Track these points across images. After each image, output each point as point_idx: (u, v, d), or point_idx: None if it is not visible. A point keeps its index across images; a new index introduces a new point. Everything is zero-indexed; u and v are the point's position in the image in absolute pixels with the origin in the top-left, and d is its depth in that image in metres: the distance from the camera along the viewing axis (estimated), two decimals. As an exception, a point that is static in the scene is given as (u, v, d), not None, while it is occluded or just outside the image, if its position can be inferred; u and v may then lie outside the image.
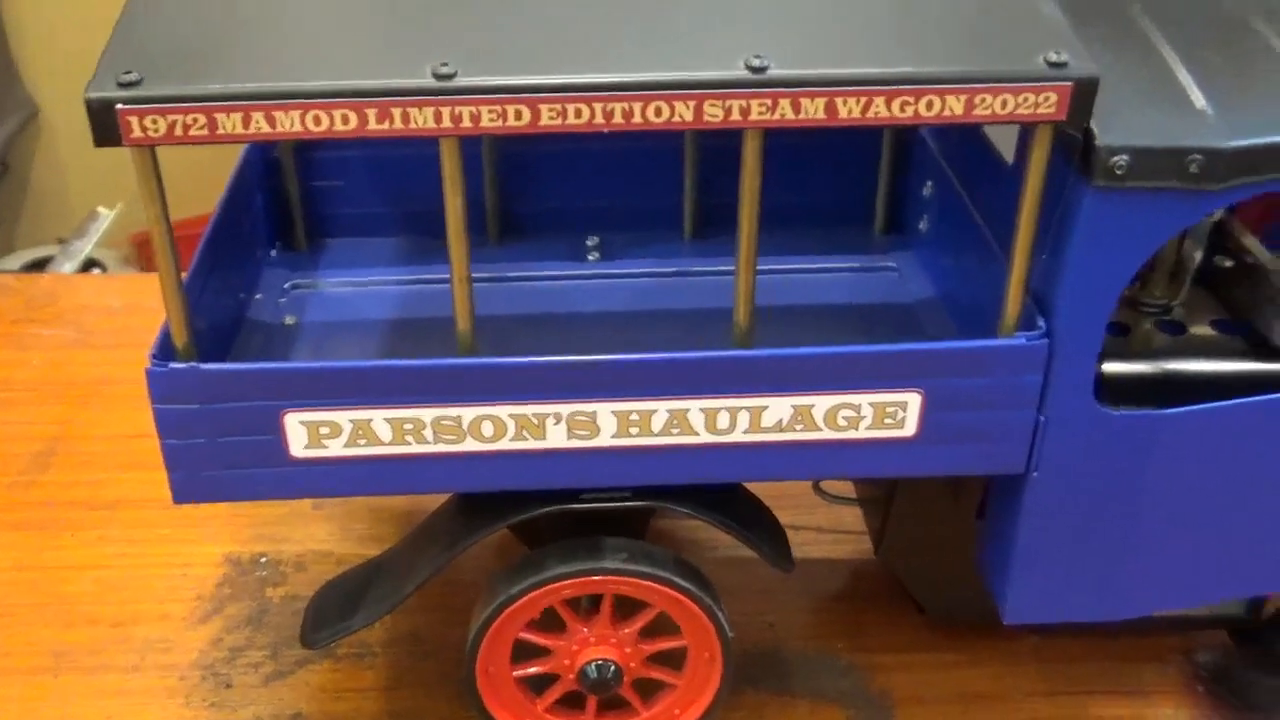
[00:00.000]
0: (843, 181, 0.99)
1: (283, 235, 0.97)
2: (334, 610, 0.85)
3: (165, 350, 0.72)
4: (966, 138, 0.87)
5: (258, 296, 0.91)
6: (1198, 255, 0.90)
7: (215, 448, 0.74)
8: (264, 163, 0.95)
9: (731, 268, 0.76)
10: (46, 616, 0.97)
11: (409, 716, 0.89)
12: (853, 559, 1.03)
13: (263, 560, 1.02)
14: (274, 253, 0.95)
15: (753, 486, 0.85)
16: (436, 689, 0.91)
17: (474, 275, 0.85)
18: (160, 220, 0.68)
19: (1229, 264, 0.92)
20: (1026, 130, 0.71)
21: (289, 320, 0.89)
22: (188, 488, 0.75)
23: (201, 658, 0.93)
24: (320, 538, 1.05)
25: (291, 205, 0.96)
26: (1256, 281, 0.89)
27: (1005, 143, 0.82)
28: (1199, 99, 0.71)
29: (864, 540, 1.01)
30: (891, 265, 0.96)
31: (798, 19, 0.70)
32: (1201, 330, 0.88)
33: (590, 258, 0.97)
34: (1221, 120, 0.70)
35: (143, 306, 1.34)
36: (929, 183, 0.94)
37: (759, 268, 0.85)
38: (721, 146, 0.94)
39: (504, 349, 0.75)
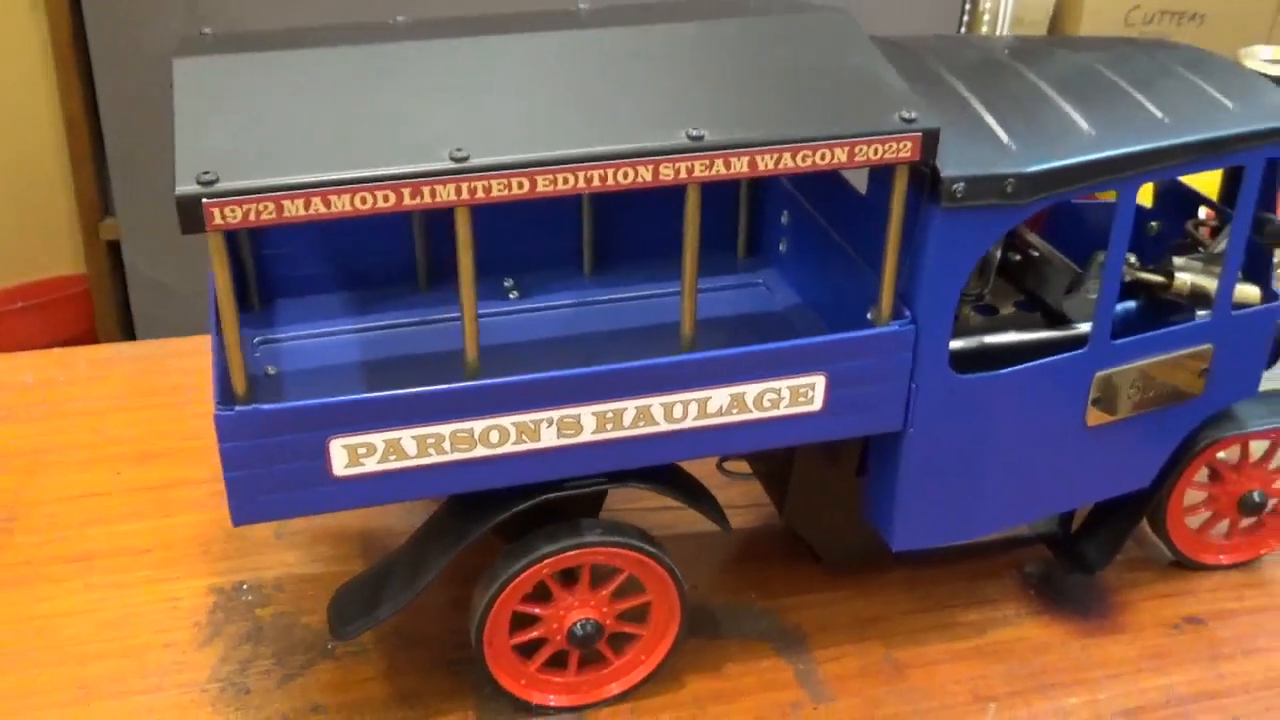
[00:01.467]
0: (710, 218, 1.20)
1: (240, 298, 1.10)
2: (357, 607, 1.00)
3: (226, 397, 0.87)
4: (823, 177, 1.10)
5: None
6: (998, 254, 1.16)
7: (271, 475, 0.88)
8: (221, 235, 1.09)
9: (630, 295, 0.97)
10: (60, 657, 1.07)
11: (413, 696, 1.05)
12: (755, 526, 1.24)
13: (244, 587, 1.15)
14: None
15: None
16: (430, 671, 1.07)
17: (412, 320, 1.04)
18: (228, 288, 0.83)
19: (1018, 258, 1.18)
20: (885, 170, 0.93)
21: (270, 370, 1.03)
22: (246, 512, 0.90)
23: (215, 673, 1.06)
24: (290, 562, 1.18)
25: (246, 270, 1.10)
26: (1041, 269, 1.15)
27: (854, 178, 1.05)
28: (1004, 136, 0.96)
29: (762, 510, 1.23)
30: (759, 281, 1.18)
31: (718, 98, 0.90)
32: (1008, 310, 1.14)
33: (511, 295, 1.15)
34: (1022, 152, 0.94)
35: (54, 380, 1.44)
36: (785, 212, 1.17)
37: (656, 293, 1.06)
38: (611, 198, 1.15)
39: (460, 377, 0.91)
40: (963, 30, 2.57)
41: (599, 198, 1.16)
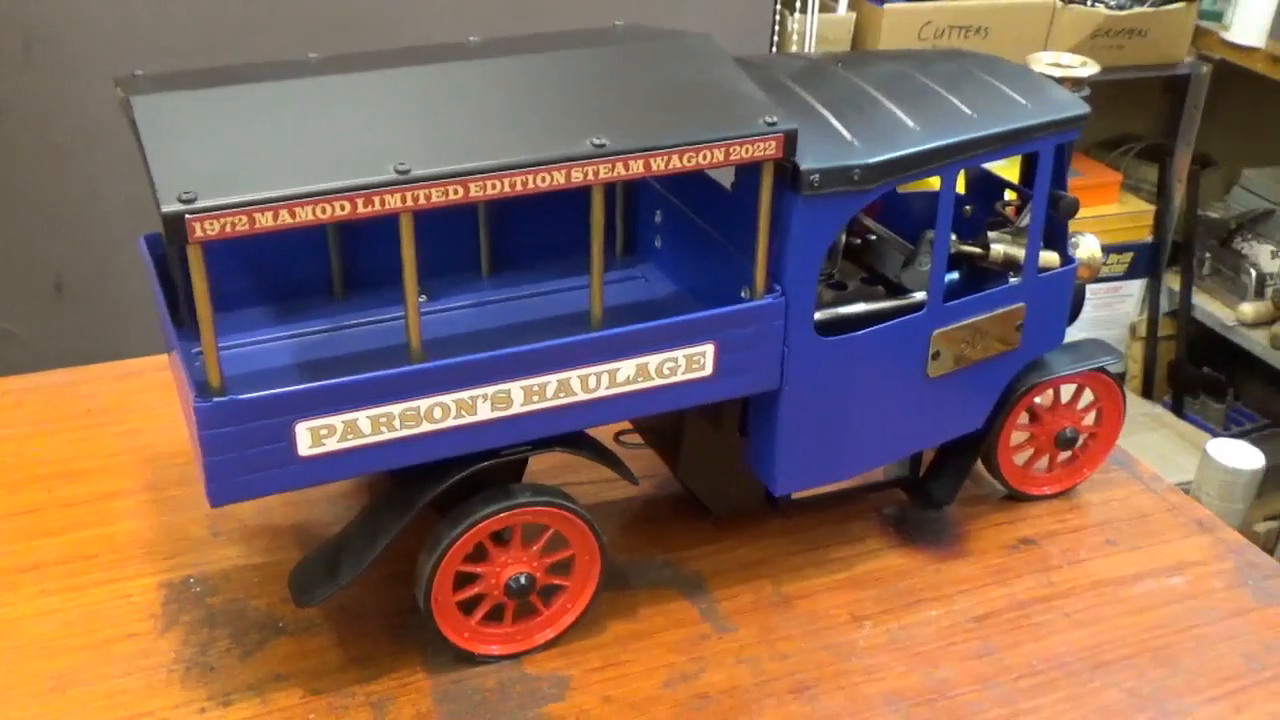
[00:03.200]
0: (588, 221, 1.36)
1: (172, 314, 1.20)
2: (316, 577, 1.12)
3: (204, 391, 0.98)
4: (689, 176, 1.26)
5: (175, 355, 1.15)
6: (843, 239, 1.34)
7: (243, 458, 1.00)
8: (155, 258, 1.19)
9: (525, 293, 1.18)
10: (29, 654, 1.15)
11: (365, 659, 1.17)
12: (651, 493, 1.39)
13: (192, 580, 1.25)
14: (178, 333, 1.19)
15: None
16: (378, 637, 1.19)
17: (332, 326, 1.17)
18: (206, 296, 0.95)
19: (859, 242, 1.37)
20: (752, 166, 1.10)
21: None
22: (221, 493, 1.01)
23: (179, 655, 1.16)
24: (231, 556, 1.29)
25: (177, 289, 1.21)
26: (880, 249, 1.34)
27: (719, 176, 1.22)
28: (847, 134, 1.14)
29: (656, 479, 1.39)
30: (639, 275, 1.34)
31: (613, 112, 1.06)
32: (855, 286, 1.32)
33: (420, 299, 1.28)
34: (864, 146, 1.13)
35: (-33, 412, 1.50)
36: (659, 212, 1.33)
37: (547, 290, 1.21)
38: (501, 208, 1.29)
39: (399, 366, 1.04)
40: (774, 50, 2.79)
41: (495, 208, 1.31)
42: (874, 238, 1.36)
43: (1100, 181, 3.44)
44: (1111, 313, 3.54)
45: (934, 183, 1.18)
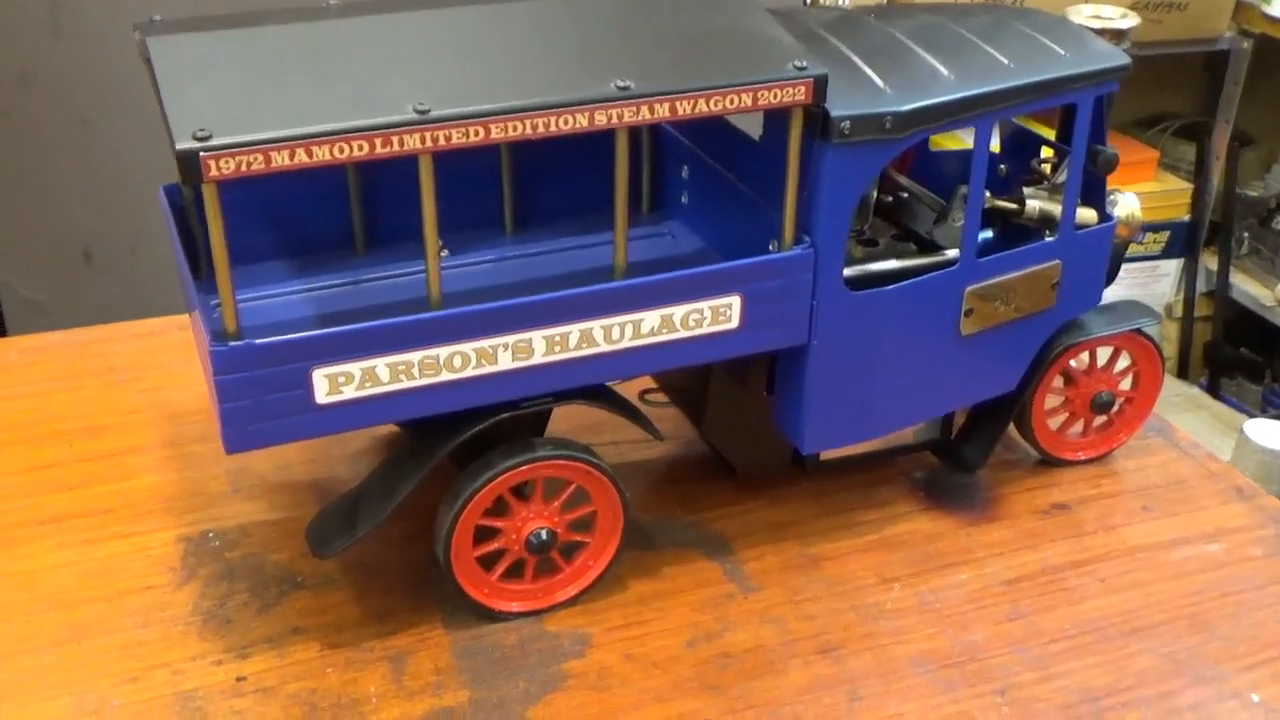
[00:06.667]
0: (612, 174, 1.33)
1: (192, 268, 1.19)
2: (334, 529, 1.10)
3: (220, 336, 0.96)
4: (716, 129, 1.24)
5: (195, 313, 1.14)
6: (874, 194, 1.32)
7: (260, 405, 0.98)
8: (174, 209, 1.18)
9: (549, 249, 1.16)
10: (47, 605, 1.14)
11: (384, 614, 1.15)
12: (675, 453, 1.37)
13: (210, 535, 1.24)
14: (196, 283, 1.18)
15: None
16: (397, 593, 1.18)
17: (352, 280, 1.14)
18: (220, 237, 0.93)
19: (890, 199, 1.34)
20: (780, 114, 1.07)
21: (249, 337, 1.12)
22: (238, 440, 0.99)
23: (196, 608, 1.15)
24: (251, 512, 1.27)
25: (197, 242, 1.19)
26: (911, 206, 1.31)
27: (748, 128, 1.20)
28: (879, 82, 1.11)
29: (681, 440, 1.37)
30: (666, 232, 1.32)
31: (637, 56, 1.04)
32: (886, 243, 1.29)
33: (442, 254, 1.26)
34: (896, 94, 1.10)
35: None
36: (685, 167, 1.31)
37: (571, 246, 1.19)
38: (528, 165, 1.27)
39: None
40: (807, 5, 2.75)
41: (518, 164, 1.28)
42: (906, 195, 1.33)
43: (1137, 159, 3.38)
44: (1147, 292, 3.48)
45: (961, 141, 1.15)
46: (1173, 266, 3.50)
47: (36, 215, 2.61)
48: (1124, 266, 1.36)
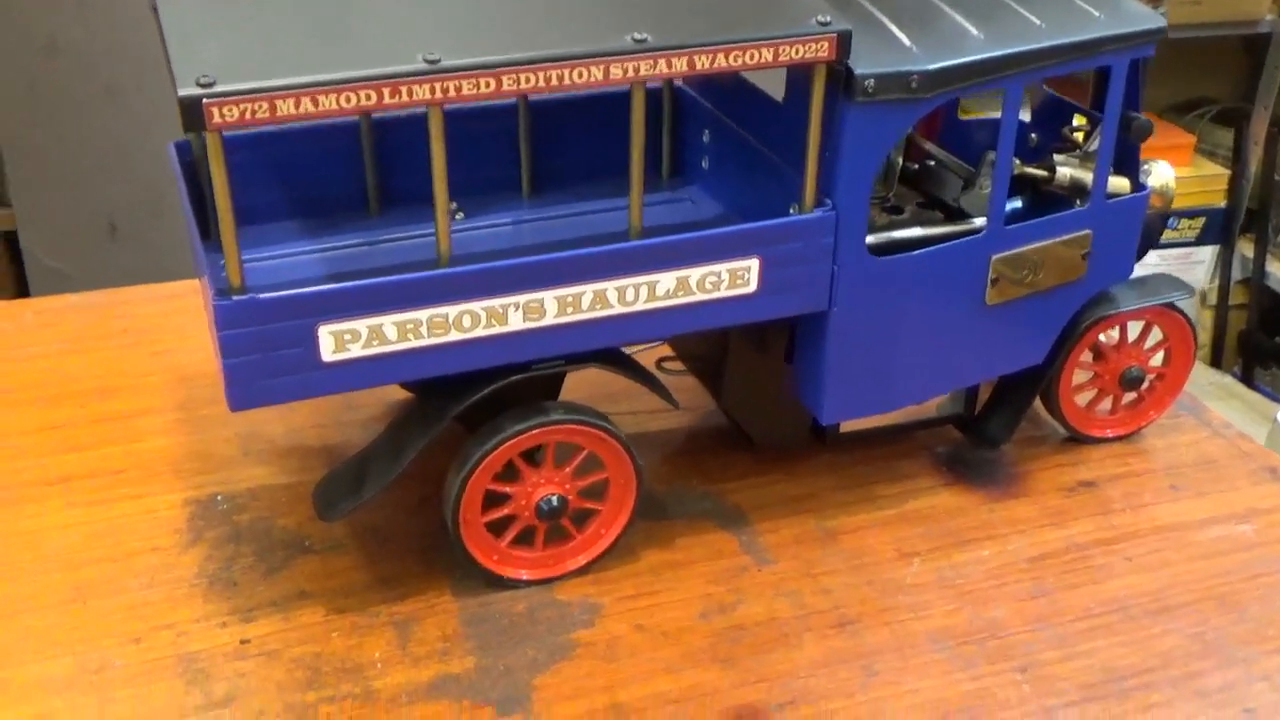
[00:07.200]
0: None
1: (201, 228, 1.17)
2: (340, 492, 1.08)
3: (223, 290, 0.94)
4: (738, 91, 1.21)
5: (214, 275, 1.12)
6: (900, 160, 1.28)
7: (265, 361, 0.96)
8: (184, 166, 1.16)
9: (567, 213, 1.13)
10: (53, 565, 1.13)
11: (392, 579, 1.13)
12: (692, 424, 1.34)
13: (219, 498, 1.22)
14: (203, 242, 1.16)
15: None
16: (405, 559, 1.16)
17: (366, 241, 1.12)
18: (224, 188, 0.91)
19: (916, 167, 1.31)
20: (802, 72, 1.04)
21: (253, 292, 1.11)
22: (243, 398, 0.97)
23: (202, 570, 1.13)
24: (260, 476, 1.26)
25: (207, 201, 1.17)
26: (938, 174, 1.28)
27: (771, 89, 1.17)
28: (905, 40, 1.08)
29: (698, 411, 1.34)
30: (685, 197, 1.29)
31: (655, 9, 1.01)
32: (911, 210, 1.26)
33: (457, 217, 1.24)
34: (922, 52, 1.07)
35: (3, 330, 1.48)
36: (706, 130, 1.28)
37: (587, 210, 1.16)
38: (547, 127, 1.25)
39: None
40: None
41: (537, 127, 1.26)
42: (933, 162, 1.29)
43: (1173, 144, 3.32)
44: (1181, 279, 3.43)
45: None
46: (1208, 253, 3.44)
47: (62, 185, 2.60)
48: (1158, 253, 1.32)
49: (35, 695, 1.00)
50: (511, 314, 1.01)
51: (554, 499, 1.09)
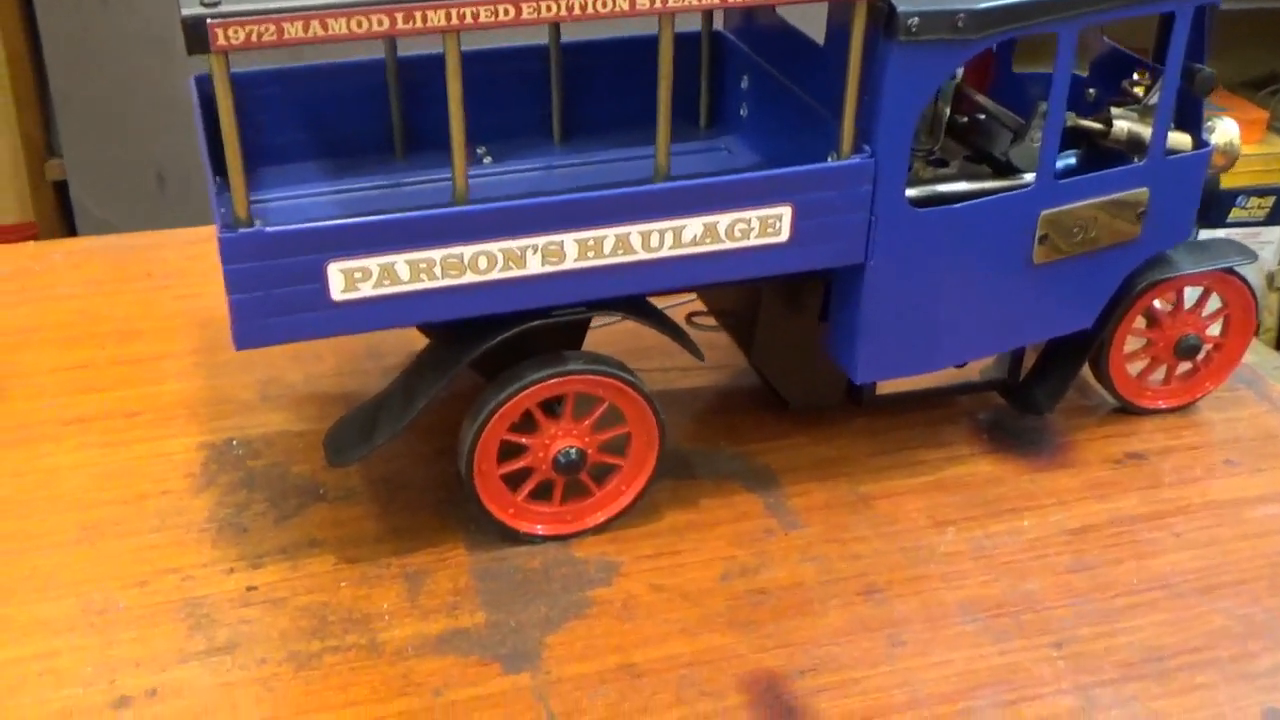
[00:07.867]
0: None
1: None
2: (352, 438, 1.05)
3: (230, 223, 0.91)
4: (777, 35, 1.15)
5: (223, 210, 1.09)
6: (947, 112, 1.22)
7: (272, 298, 0.93)
8: (203, 102, 1.12)
9: (598, 160, 1.08)
10: (63, 505, 1.11)
11: (404, 530, 1.10)
12: (722, 383, 1.30)
13: (234, 443, 1.20)
14: (217, 179, 1.13)
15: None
16: (419, 510, 1.12)
17: (389, 183, 1.07)
18: (230, 115, 0.87)
19: (965, 120, 1.25)
20: (843, 10, 0.99)
21: (259, 224, 1.07)
22: (249, 336, 0.94)
23: (212, 515, 1.11)
24: (277, 422, 1.23)
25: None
26: (987, 127, 1.22)
27: (812, 33, 1.11)
28: (954, -20, 1.02)
29: (729, 369, 1.29)
30: (721, 147, 1.24)
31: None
32: (957, 163, 1.20)
33: (485, 161, 1.20)
34: (971, -7, 1.01)
35: (32, 270, 1.47)
36: (745, 77, 1.23)
37: (618, 158, 1.11)
38: (579, 70, 1.20)
39: None
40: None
41: (569, 72, 1.21)
42: (983, 116, 1.23)
43: (1243, 119, 3.20)
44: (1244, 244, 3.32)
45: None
46: (1276, 233, 3.32)
47: (111, 136, 2.59)
48: (1225, 232, 1.25)
49: (37, 635, 0.98)
50: (530, 257, 0.97)
51: (572, 452, 1.05)
